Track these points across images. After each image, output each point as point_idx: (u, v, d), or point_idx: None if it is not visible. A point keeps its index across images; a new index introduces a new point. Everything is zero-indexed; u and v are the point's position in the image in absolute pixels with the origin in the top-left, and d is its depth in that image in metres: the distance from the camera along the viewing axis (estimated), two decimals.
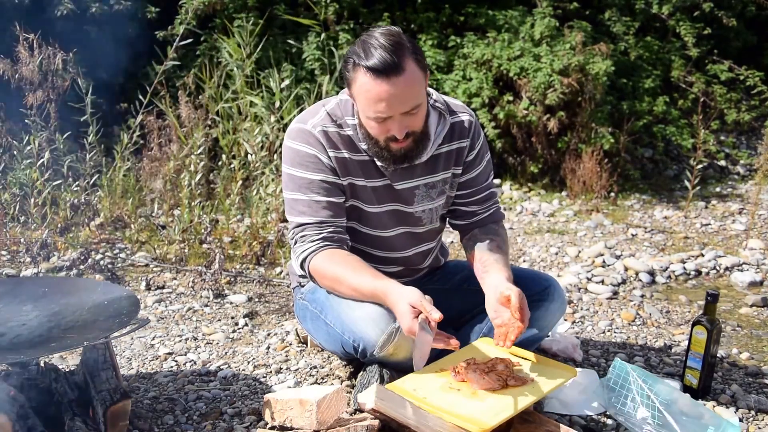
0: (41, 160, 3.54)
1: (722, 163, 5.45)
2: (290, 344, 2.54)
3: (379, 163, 2.06)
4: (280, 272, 3.32)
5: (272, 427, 1.86)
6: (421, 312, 1.81)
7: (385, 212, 2.13)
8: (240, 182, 3.82)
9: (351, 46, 1.94)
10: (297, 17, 5.01)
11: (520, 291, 1.90)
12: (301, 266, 2.07)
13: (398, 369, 2.00)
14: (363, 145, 2.05)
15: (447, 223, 2.34)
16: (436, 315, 1.78)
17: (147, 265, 3.36)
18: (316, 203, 2.03)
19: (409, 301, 1.83)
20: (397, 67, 1.83)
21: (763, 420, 2.10)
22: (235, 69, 4.02)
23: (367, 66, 1.84)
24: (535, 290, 2.12)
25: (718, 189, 5.06)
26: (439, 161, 2.14)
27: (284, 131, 4.04)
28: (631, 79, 5.27)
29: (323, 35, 4.74)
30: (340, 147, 2.04)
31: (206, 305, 2.93)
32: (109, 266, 3.30)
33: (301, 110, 4.17)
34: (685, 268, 3.49)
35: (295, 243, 2.07)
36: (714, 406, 2.15)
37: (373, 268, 2.01)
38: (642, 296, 3.17)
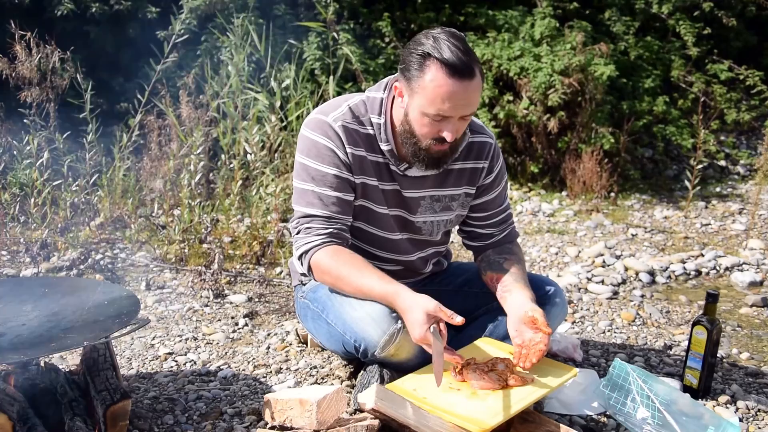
0: (41, 160, 3.54)
1: (722, 163, 5.45)
2: (290, 344, 2.54)
3: (393, 168, 2.06)
4: (280, 272, 3.32)
5: (272, 427, 1.86)
6: (436, 321, 1.82)
7: (392, 216, 2.13)
8: (240, 182, 3.82)
9: (414, 41, 1.91)
10: (297, 17, 5.02)
11: (543, 312, 1.95)
12: (300, 257, 2.04)
13: (399, 369, 2.00)
14: (384, 146, 2.03)
15: (462, 243, 2.35)
16: (458, 319, 1.80)
17: (147, 265, 3.36)
18: (327, 197, 2.01)
19: (426, 310, 1.82)
20: (471, 70, 1.84)
21: (763, 420, 2.10)
22: (234, 68, 4.02)
23: (443, 61, 1.82)
24: (537, 294, 2.12)
25: (718, 189, 5.06)
26: (450, 177, 2.14)
27: (285, 131, 4.07)
28: (631, 79, 5.27)
29: (329, 35, 4.74)
30: (360, 144, 2.03)
31: (206, 305, 2.93)
32: (109, 266, 3.30)
33: (305, 110, 4.19)
34: (685, 268, 3.49)
35: (298, 233, 2.04)
36: (714, 406, 2.15)
37: (377, 268, 2.00)
38: (642, 296, 3.17)
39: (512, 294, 2.04)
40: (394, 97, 2.02)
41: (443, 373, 1.94)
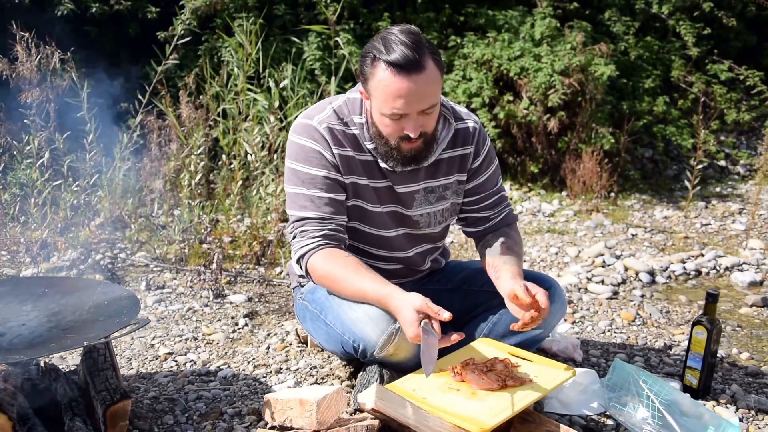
0: (41, 160, 3.54)
1: (722, 163, 5.45)
2: (290, 344, 2.54)
3: (383, 165, 2.06)
4: (280, 272, 3.32)
5: (272, 427, 1.86)
6: (426, 317, 1.81)
7: (386, 213, 2.13)
8: (240, 182, 3.82)
9: (369, 43, 1.93)
10: (298, 17, 5.02)
11: (525, 283, 1.91)
12: (298, 261, 2.06)
13: (398, 369, 2.00)
14: (369, 145, 2.04)
15: (461, 231, 2.34)
16: (446, 315, 1.79)
17: (147, 265, 3.36)
18: (318, 198, 2.02)
19: (414, 306, 1.82)
20: (418, 64, 1.83)
21: (763, 420, 2.10)
22: (236, 69, 4.02)
23: (388, 61, 1.83)
24: None
25: (718, 189, 5.06)
26: (441, 167, 2.14)
27: (285, 131, 4.07)
28: (631, 79, 5.27)
29: (334, 35, 4.74)
30: (346, 145, 2.04)
31: (206, 305, 2.93)
32: (109, 266, 3.30)
33: (305, 110, 4.18)
34: (685, 268, 3.49)
35: (294, 237, 2.06)
36: (714, 406, 2.15)
37: (373, 270, 2.00)
38: (642, 296, 3.17)
39: (500, 278, 2.03)
40: None
41: (443, 373, 1.94)
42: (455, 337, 1.85)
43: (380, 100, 1.89)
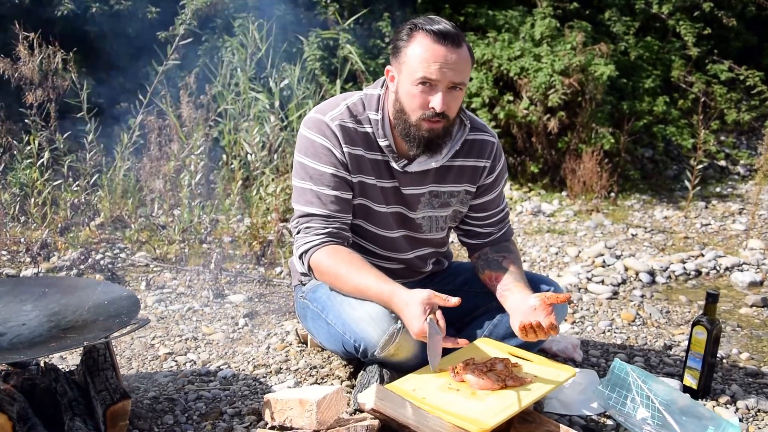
0: (41, 160, 3.54)
1: (722, 163, 5.45)
2: (290, 344, 2.54)
3: (393, 165, 2.06)
4: (280, 272, 3.32)
5: (272, 427, 1.86)
6: (431, 310, 1.83)
7: (391, 213, 2.13)
8: (240, 182, 3.82)
9: (405, 23, 1.99)
10: (298, 17, 5.02)
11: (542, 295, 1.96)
12: (301, 257, 2.06)
13: (398, 369, 2.00)
14: (382, 142, 2.04)
15: (458, 238, 2.35)
16: (453, 300, 1.82)
17: (147, 265, 3.36)
18: (325, 196, 2.02)
19: (420, 300, 1.83)
20: (458, 39, 1.91)
21: (763, 420, 2.10)
22: (241, 71, 4.02)
23: (430, 29, 1.89)
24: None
25: (718, 189, 5.06)
26: (450, 173, 2.14)
27: (285, 131, 4.07)
28: (631, 79, 5.27)
29: (338, 37, 4.74)
30: (357, 143, 2.04)
31: (206, 305, 2.93)
32: (109, 266, 3.30)
33: (306, 110, 4.19)
34: (685, 268, 3.49)
35: (298, 233, 2.06)
36: (714, 406, 2.15)
37: (375, 268, 2.00)
38: (642, 296, 3.17)
39: (513, 292, 2.04)
40: (388, 89, 2.04)
41: (443, 373, 1.94)
42: (462, 341, 1.89)
43: (414, 66, 1.90)
